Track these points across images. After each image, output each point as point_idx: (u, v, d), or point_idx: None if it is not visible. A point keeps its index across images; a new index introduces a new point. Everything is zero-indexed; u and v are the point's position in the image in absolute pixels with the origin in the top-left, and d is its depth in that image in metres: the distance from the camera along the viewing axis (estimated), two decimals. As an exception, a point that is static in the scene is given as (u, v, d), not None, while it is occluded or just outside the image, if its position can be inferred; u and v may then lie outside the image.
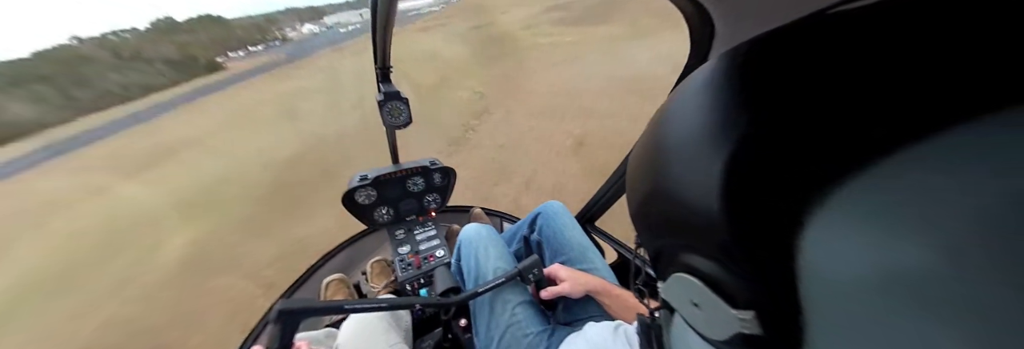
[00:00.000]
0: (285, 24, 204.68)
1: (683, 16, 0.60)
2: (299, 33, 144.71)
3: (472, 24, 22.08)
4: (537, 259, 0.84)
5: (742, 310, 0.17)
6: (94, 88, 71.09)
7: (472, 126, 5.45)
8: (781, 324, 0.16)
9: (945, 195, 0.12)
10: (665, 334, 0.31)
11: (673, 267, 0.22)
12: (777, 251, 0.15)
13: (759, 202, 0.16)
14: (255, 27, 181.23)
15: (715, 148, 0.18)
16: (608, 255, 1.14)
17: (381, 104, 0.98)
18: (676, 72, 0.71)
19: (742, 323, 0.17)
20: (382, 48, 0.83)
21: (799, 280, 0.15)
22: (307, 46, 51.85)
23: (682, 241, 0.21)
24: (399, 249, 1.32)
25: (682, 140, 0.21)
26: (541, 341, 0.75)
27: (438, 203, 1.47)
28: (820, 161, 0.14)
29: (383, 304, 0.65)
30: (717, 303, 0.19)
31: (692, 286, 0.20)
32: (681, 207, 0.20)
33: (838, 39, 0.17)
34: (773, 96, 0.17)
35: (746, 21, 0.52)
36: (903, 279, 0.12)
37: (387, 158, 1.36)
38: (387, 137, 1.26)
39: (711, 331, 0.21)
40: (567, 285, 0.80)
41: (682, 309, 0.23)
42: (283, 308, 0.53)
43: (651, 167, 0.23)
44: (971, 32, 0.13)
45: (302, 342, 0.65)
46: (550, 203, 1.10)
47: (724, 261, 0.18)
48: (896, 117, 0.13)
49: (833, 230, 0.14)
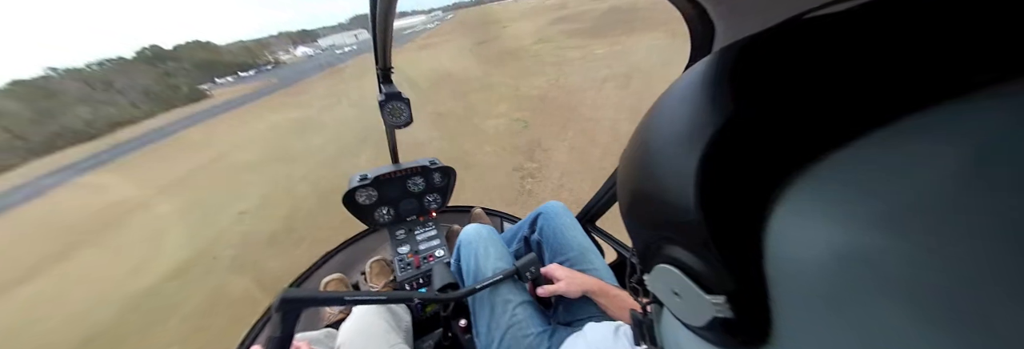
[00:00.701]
0: (278, 47, 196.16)
1: (683, 17, 0.60)
2: (293, 56, 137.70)
3: (476, 39, 20.78)
4: (534, 257, 0.86)
5: (715, 295, 0.19)
6: (52, 125, 61.75)
7: (529, 170, 4.03)
8: (750, 307, 0.18)
9: (891, 180, 0.13)
10: (656, 327, 0.32)
11: (657, 259, 0.23)
12: (745, 238, 0.17)
13: (729, 192, 0.18)
14: (245, 51, 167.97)
15: (691, 143, 0.19)
16: (608, 255, 1.15)
17: (382, 104, 1.00)
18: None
19: (716, 308, 0.19)
20: (382, 49, 0.85)
21: (765, 264, 0.16)
22: (301, 69, 48.89)
23: (665, 234, 0.22)
24: (399, 249, 1.33)
25: (663, 138, 0.23)
26: (542, 341, 0.76)
27: (438, 203, 1.48)
28: (783, 151, 0.16)
29: (382, 297, 0.67)
30: (694, 290, 0.20)
31: (672, 276, 0.22)
32: (662, 202, 0.21)
33: (804, 42, 0.19)
34: (743, 94, 0.19)
35: (746, 22, 0.52)
36: (857, 260, 0.13)
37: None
38: (387, 137, 1.28)
39: (691, 318, 0.22)
40: (563, 284, 0.81)
41: (666, 299, 0.24)
42: (286, 297, 0.55)
43: (637, 165, 0.25)
44: (913, 37, 0.15)
45: (302, 342, 0.72)
46: (551, 203, 1.10)
47: (700, 250, 0.19)
48: (853, 108, 0.15)
49: (794, 216, 0.15)
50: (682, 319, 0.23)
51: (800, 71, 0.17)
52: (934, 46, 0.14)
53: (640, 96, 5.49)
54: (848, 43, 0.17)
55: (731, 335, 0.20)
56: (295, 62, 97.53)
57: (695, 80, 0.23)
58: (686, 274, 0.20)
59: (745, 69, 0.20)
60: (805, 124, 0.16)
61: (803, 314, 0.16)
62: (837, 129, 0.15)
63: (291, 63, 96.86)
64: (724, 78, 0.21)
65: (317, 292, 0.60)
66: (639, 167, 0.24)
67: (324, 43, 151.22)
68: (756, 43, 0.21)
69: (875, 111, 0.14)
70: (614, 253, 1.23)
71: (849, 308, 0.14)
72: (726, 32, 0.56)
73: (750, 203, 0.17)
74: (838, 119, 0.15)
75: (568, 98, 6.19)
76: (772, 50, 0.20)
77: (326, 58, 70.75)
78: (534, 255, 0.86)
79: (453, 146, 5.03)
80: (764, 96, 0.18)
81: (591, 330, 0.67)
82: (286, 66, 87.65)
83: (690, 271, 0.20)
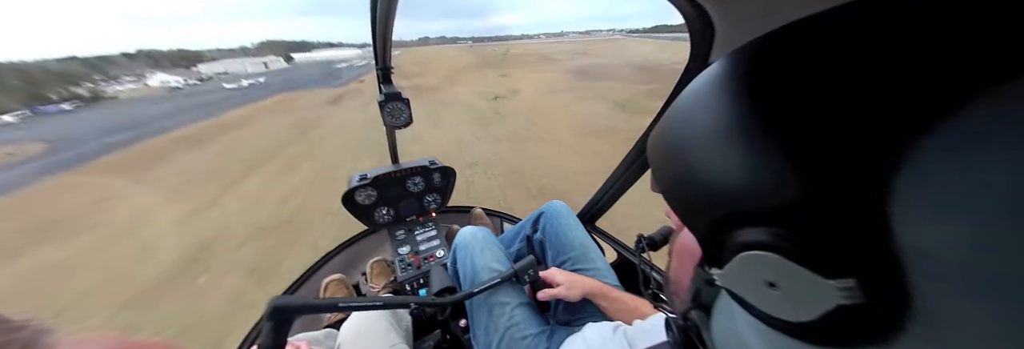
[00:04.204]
0: (123, 72, 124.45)
1: (683, 18, 0.61)
2: (140, 87, 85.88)
3: (475, 88, 16.44)
4: (533, 260, 0.85)
5: (840, 279, 0.16)
6: None
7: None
8: (885, 290, 0.15)
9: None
10: (707, 333, 0.29)
11: (732, 249, 0.20)
12: (872, 209, 0.15)
13: (850, 155, 0.15)
14: (57, 77, 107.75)
15: (795, 112, 0.18)
16: (608, 255, 1.14)
17: (382, 105, 1.00)
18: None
19: (842, 293, 0.16)
20: (382, 49, 0.86)
21: (898, 236, 0.14)
22: (130, 117, 29.00)
23: (749, 218, 0.19)
24: (399, 249, 1.33)
25: (745, 115, 0.20)
26: (540, 342, 0.75)
27: (438, 203, 1.48)
28: (911, 106, 0.14)
29: (378, 302, 0.65)
30: (805, 277, 0.17)
31: (769, 264, 0.19)
32: (750, 182, 0.19)
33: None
34: (859, 57, 0.17)
35: (746, 23, 0.52)
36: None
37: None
38: (387, 137, 1.29)
39: (795, 312, 0.19)
40: (563, 289, 0.81)
41: (752, 294, 0.21)
42: (277, 305, 0.53)
43: (700, 151, 0.23)
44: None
45: (302, 342, 0.71)
46: (553, 203, 1.10)
47: (810, 230, 0.17)
48: (985, 60, 0.14)
49: (938, 175, 0.13)
50: (777, 315, 0.20)
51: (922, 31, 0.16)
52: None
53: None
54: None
55: (851, 327, 0.17)
56: (137, 98, 56.48)
57: (773, 61, 0.21)
58: (792, 259, 0.18)
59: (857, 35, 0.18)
60: (935, 78, 0.14)
61: (951, 297, 0.14)
62: (971, 81, 0.13)
63: (127, 100, 55.44)
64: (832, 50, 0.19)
65: (309, 300, 0.59)
66: (704, 151, 0.22)
67: (209, 69, 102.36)
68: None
69: (1009, 63, 0.13)
70: (614, 253, 1.24)
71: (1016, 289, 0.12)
72: (726, 33, 0.57)
73: (875, 163, 0.15)
74: (969, 72, 0.14)
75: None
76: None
77: (205, 96, 41.27)
78: (532, 258, 0.86)
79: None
80: (887, 57, 0.16)
81: (590, 330, 0.67)
82: (111, 105, 51.33)
83: (797, 255, 0.18)
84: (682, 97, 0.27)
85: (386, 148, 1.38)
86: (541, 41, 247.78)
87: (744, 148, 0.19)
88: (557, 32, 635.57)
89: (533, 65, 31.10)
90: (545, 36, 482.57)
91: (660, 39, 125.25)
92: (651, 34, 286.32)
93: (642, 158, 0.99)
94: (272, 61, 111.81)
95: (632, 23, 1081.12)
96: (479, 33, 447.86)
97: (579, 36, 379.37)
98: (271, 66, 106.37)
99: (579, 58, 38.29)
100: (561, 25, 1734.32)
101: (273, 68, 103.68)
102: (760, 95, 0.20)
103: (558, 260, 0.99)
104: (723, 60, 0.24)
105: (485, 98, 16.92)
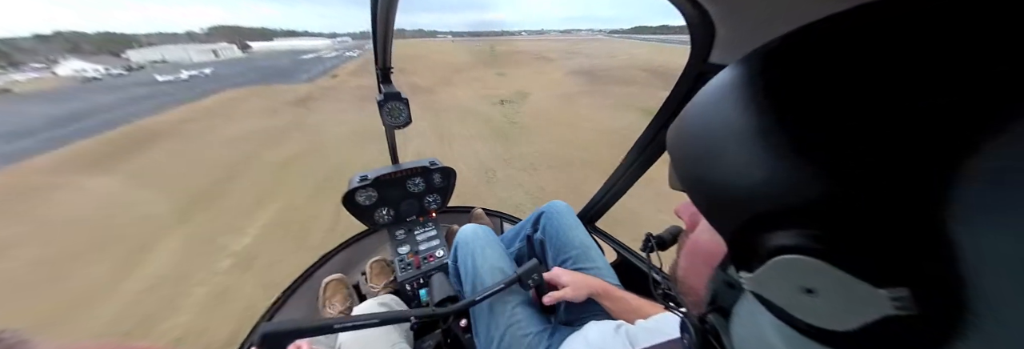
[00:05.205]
0: (29, 57, 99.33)
1: (684, 18, 0.61)
2: (48, 76, 65.07)
3: (474, 89, 13.52)
4: (536, 264, 0.85)
5: (892, 288, 0.15)
6: None
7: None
8: (943, 300, 0.14)
9: None
10: (724, 336, 0.28)
11: (767, 252, 0.19)
12: (934, 210, 0.14)
13: (914, 155, 0.14)
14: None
15: (847, 110, 0.17)
16: (608, 255, 1.13)
17: (381, 104, 1.00)
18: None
19: (894, 303, 0.15)
20: (382, 49, 0.86)
21: (959, 245, 0.13)
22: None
23: (784, 219, 0.18)
24: (399, 249, 1.33)
25: (784, 113, 0.20)
26: (541, 341, 0.75)
27: (438, 203, 1.48)
28: (973, 106, 0.13)
29: (375, 320, 0.63)
30: (850, 284, 0.16)
31: (808, 269, 0.17)
32: (792, 180, 0.18)
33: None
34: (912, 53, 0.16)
35: (746, 23, 0.53)
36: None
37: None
38: (387, 137, 1.30)
39: (836, 320, 0.17)
40: (570, 291, 0.81)
41: (787, 300, 0.20)
42: (267, 331, 0.50)
43: (744, 144, 0.21)
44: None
45: (303, 342, 0.70)
46: (554, 202, 1.10)
47: (857, 234, 0.16)
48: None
49: (1005, 179, 0.13)
50: (812, 322, 0.19)
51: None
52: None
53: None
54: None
55: (896, 338, 0.16)
56: (32, 93, 42.98)
57: (808, 56, 0.20)
58: (837, 266, 0.16)
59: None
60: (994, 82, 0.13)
61: (1013, 309, 0.13)
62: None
63: (19, 96, 42.49)
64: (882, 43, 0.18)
65: (301, 323, 0.56)
66: (741, 150, 0.21)
67: (141, 56, 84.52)
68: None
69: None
70: (614, 253, 1.24)
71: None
72: (726, 33, 0.57)
73: (940, 164, 0.14)
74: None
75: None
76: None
77: (129, 90, 31.63)
78: (536, 261, 0.85)
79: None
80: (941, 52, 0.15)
81: (591, 329, 0.67)
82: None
83: (844, 262, 0.16)
84: (709, 94, 0.26)
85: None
86: (523, 38, 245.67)
87: (791, 146, 0.18)
88: (537, 30, 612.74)
89: (529, 64, 29.02)
90: (526, 33, 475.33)
91: (646, 40, 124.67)
92: (632, 35, 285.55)
93: (642, 158, 0.99)
94: (223, 49, 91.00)
95: (612, 24, 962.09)
96: (458, 28, 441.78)
97: (560, 35, 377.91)
98: (222, 55, 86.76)
99: (574, 57, 36.84)
100: (541, 23, 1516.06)
101: (224, 57, 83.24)
102: (807, 91, 0.19)
103: (558, 259, 0.99)
104: (757, 55, 0.24)
105: (490, 102, 14.74)
